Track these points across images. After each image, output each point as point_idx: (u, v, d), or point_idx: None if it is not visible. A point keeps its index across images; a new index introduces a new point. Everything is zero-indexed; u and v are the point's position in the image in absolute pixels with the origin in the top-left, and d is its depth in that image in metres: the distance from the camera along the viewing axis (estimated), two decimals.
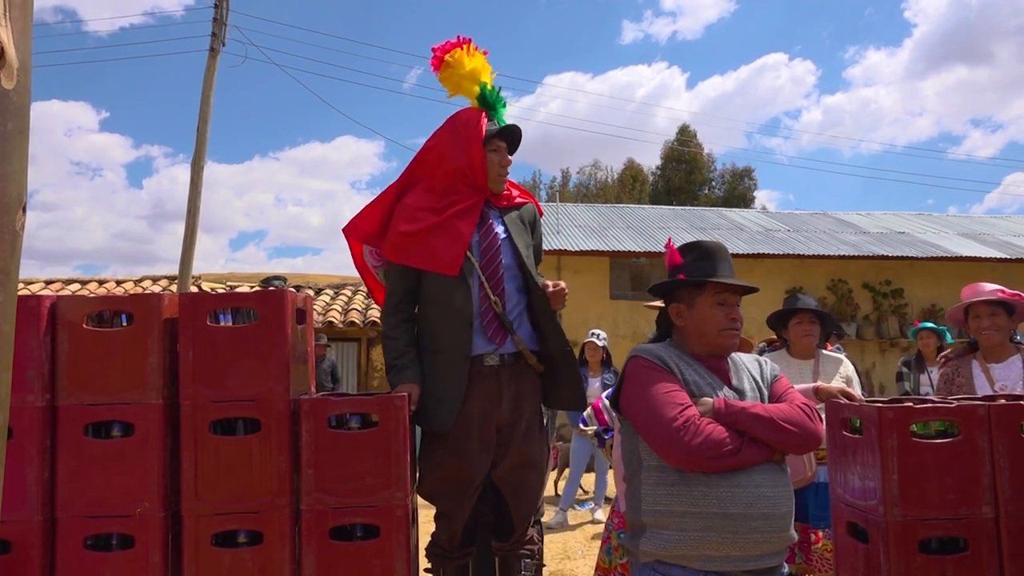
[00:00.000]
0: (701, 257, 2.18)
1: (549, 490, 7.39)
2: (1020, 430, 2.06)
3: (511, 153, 2.83)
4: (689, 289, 2.15)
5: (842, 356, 3.78)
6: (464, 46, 2.83)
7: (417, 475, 2.67)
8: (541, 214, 3.01)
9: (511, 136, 2.82)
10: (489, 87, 2.82)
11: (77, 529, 2.21)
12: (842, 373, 3.57)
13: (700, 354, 2.14)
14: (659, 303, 3.22)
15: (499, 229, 2.75)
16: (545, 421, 2.88)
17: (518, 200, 2.89)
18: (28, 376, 2.21)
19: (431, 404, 2.63)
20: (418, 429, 2.69)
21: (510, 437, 2.67)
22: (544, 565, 2.92)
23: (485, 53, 2.87)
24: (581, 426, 6.59)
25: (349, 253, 2.92)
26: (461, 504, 2.67)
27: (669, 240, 2.39)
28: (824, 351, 3.70)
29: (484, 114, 2.78)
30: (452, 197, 2.71)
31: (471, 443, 2.62)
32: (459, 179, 2.73)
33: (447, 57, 2.83)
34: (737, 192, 35.65)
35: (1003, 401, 2.16)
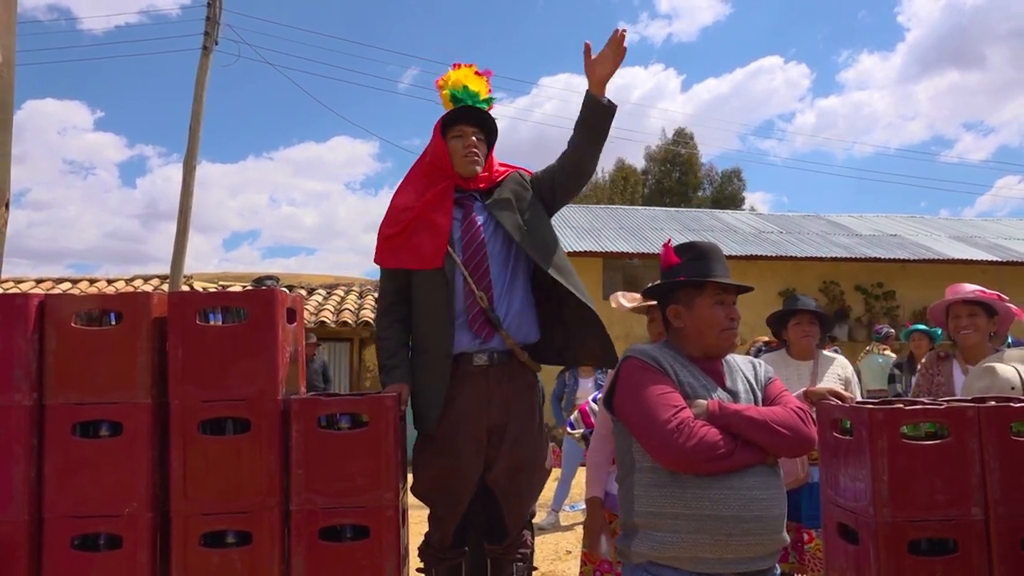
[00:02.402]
0: (697, 257, 2.17)
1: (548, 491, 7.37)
2: (1009, 432, 2.07)
3: (491, 140, 2.82)
4: (687, 290, 2.14)
5: (841, 356, 3.79)
6: (456, 68, 2.87)
7: (410, 476, 2.66)
8: (529, 172, 2.93)
9: (479, 122, 2.78)
10: (462, 89, 2.81)
11: (64, 529, 2.19)
12: (840, 375, 3.59)
13: (696, 355, 2.13)
14: (647, 302, 3.23)
15: (481, 218, 2.73)
16: (543, 422, 2.86)
17: (498, 178, 2.82)
18: (15, 375, 2.19)
19: (419, 404, 2.64)
20: (412, 430, 2.68)
21: (501, 439, 2.65)
22: (536, 568, 2.91)
23: (486, 73, 2.88)
24: (569, 429, 6.61)
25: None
26: (453, 506, 2.67)
27: (669, 241, 2.37)
28: (824, 352, 3.71)
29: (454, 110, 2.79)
30: (428, 189, 2.74)
31: (459, 444, 2.61)
32: (435, 173, 2.76)
33: (440, 82, 2.86)
34: (727, 193, 35.70)
35: (993, 403, 2.17)
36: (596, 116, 2.69)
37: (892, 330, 9.21)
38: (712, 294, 2.12)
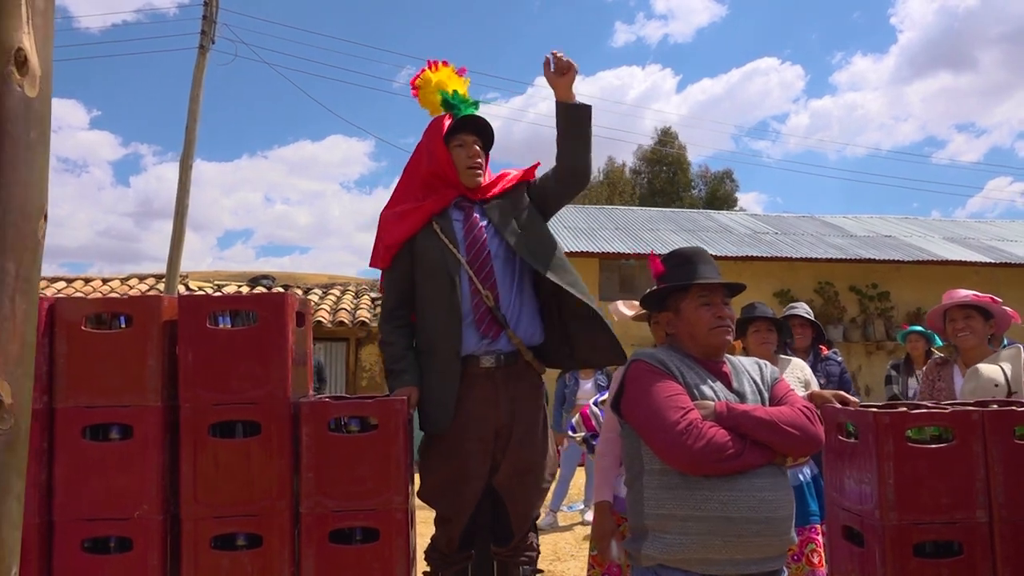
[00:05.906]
0: (681, 263, 2.22)
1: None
2: (1013, 435, 2.09)
3: (488, 147, 2.83)
4: (674, 296, 2.19)
5: (796, 359, 3.82)
6: (432, 66, 2.87)
7: (416, 478, 2.66)
8: (531, 176, 2.89)
9: (478, 130, 2.79)
10: (452, 93, 2.82)
11: (75, 532, 2.20)
12: (800, 377, 3.64)
13: (698, 357, 2.16)
14: (636, 312, 3.27)
15: (483, 222, 2.75)
16: (548, 423, 2.87)
17: (498, 191, 2.83)
18: None
19: (428, 405, 2.64)
20: (417, 432, 2.69)
21: (508, 441, 2.66)
22: (540, 572, 2.92)
23: (462, 71, 2.89)
24: (570, 432, 6.62)
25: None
26: (461, 509, 2.67)
27: (652, 252, 2.42)
28: (781, 356, 3.78)
29: (448, 116, 2.79)
30: (428, 196, 2.77)
31: (468, 445, 2.61)
32: (435, 181, 2.78)
33: (417, 82, 2.87)
34: (719, 194, 35.75)
35: (996, 407, 2.19)
36: (575, 120, 2.75)
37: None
38: (696, 296, 2.16)
